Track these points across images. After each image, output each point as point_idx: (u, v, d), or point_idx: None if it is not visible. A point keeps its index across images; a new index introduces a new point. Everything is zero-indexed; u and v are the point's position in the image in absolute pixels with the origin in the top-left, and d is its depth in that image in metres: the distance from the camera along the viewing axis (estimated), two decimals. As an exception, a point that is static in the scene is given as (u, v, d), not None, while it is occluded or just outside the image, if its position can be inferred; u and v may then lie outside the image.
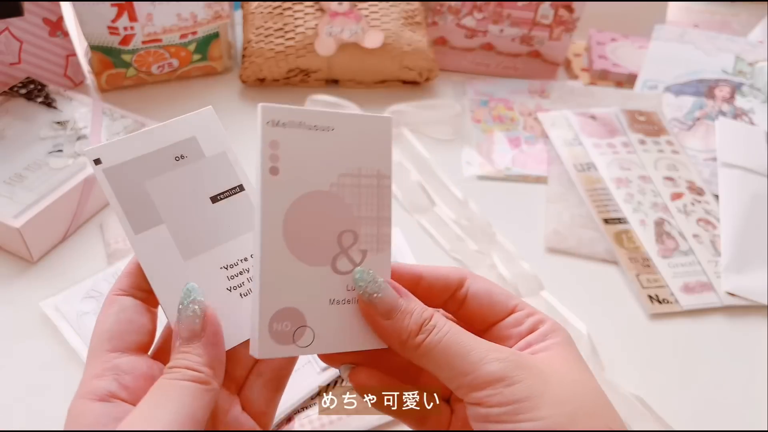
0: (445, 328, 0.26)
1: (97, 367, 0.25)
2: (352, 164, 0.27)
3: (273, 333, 0.25)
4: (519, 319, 0.28)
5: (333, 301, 0.27)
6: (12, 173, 0.54)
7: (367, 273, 0.27)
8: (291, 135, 0.26)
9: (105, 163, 0.27)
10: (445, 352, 0.25)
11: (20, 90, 0.63)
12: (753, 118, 0.75)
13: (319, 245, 0.26)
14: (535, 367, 0.25)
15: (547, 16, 0.78)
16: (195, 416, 0.23)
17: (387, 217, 0.28)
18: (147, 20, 0.66)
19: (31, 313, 0.49)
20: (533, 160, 0.70)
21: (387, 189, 0.28)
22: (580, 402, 0.24)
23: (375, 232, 0.27)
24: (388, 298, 0.27)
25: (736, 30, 0.94)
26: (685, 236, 0.61)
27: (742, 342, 0.54)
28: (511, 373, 0.24)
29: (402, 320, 0.26)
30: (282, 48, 0.72)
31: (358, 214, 0.27)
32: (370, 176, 0.27)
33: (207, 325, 0.26)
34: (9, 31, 0.64)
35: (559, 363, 0.26)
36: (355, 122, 0.27)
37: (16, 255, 0.54)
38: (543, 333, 0.27)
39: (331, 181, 0.27)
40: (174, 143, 0.28)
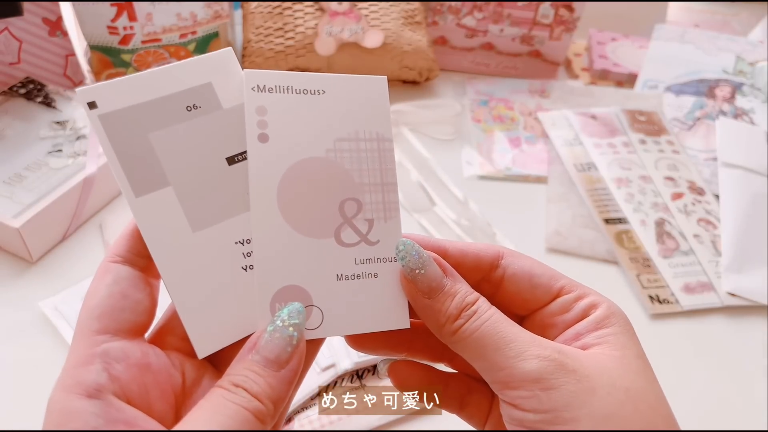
0: (486, 315, 0.23)
1: (84, 351, 0.21)
2: (348, 128, 0.25)
3: None
4: (566, 304, 0.25)
5: (341, 277, 0.24)
6: (11, 173, 0.54)
7: (411, 245, 0.24)
8: (279, 100, 0.24)
9: (102, 107, 0.23)
10: (480, 342, 0.23)
11: (20, 90, 0.63)
12: (753, 118, 0.75)
13: (320, 216, 0.24)
14: (581, 370, 0.22)
15: (547, 16, 0.77)
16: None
17: (393, 182, 0.25)
18: (146, 20, 0.66)
19: (30, 313, 0.49)
20: (533, 160, 0.69)
21: (389, 152, 0.25)
22: (628, 418, 0.21)
23: (381, 199, 0.25)
24: (432, 275, 0.24)
25: (736, 30, 0.94)
26: (685, 236, 0.61)
27: (743, 342, 0.54)
28: (551, 375, 0.21)
29: (443, 302, 0.24)
30: (282, 48, 0.71)
31: (360, 181, 0.25)
32: (369, 140, 0.25)
33: (294, 358, 0.22)
34: (8, 31, 0.63)
35: (613, 362, 0.22)
36: (348, 84, 0.25)
37: (16, 255, 0.54)
38: (596, 320, 0.24)
39: (326, 146, 0.24)
40: (186, 89, 0.24)
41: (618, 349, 0.23)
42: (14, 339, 0.48)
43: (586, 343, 0.23)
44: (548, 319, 0.25)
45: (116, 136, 0.23)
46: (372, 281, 0.25)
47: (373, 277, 0.25)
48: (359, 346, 0.26)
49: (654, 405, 0.22)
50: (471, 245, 0.26)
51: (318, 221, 0.24)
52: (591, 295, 0.25)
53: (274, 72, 0.24)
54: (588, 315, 0.24)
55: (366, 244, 0.25)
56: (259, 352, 0.22)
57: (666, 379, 0.23)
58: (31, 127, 0.59)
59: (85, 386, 0.21)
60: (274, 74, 0.24)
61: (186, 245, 0.23)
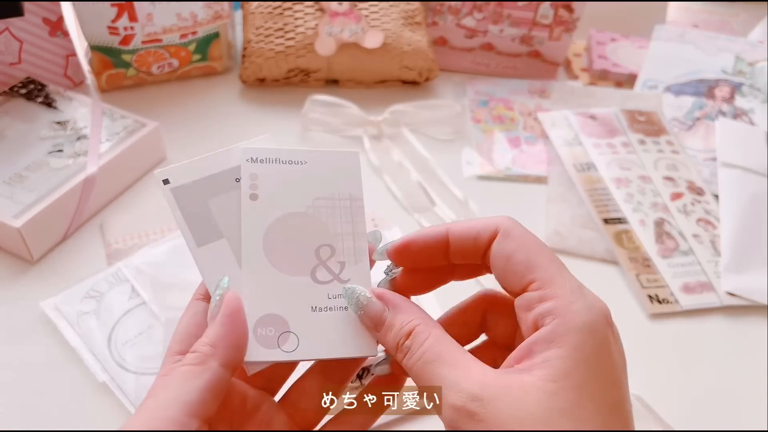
0: (418, 353, 0.25)
1: (167, 366, 0.26)
2: (325, 190, 0.30)
3: (258, 337, 0.27)
4: (530, 302, 0.24)
5: (315, 308, 0.28)
6: (12, 173, 0.54)
7: (351, 291, 0.28)
8: (268, 168, 0.30)
9: (173, 183, 0.29)
10: (417, 380, 0.25)
11: (20, 90, 0.63)
12: (753, 118, 0.75)
13: (298, 258, 0.29)
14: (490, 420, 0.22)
15: (547, 16, 0.78)
16: (183, 399, 0.23)
17: (362, 232, 0.30)
18: (147, 20, 0.67)
19: (31, 312, 0.49)
20: (533, 160, 0.70)
21: (360, 208, 0.30)
22: None
23: (351, 246, 0.30)
24: (372, 313, 0.27)
25: (736, 30, 0.94)
26: (685, 236, 0.61)
27: (742, 342, 0.54)
28: (461, 424, 0.22)
29: (385, 334, 0.26)
30: (282, 48, 0.72)
31: (334, 231, 0.30)
32: (343, 199, 0.30)
33: (222, 306, 0.26)
34: (9, 31, 0.64)
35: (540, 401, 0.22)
36: (326, 157, 0.31)
37: (16, 255, 0.54)
38: (547, 337, 0.23)
39: (306, 204, 0.30)
40: (235, 166, 0.30)
41: (557, 380, 0.22)
42: (15, 339, 0.48)
43: (533, 365, 0.23)
44: (520, 312, 0.25)
45: (183, 202, 0.29)
46: (343, 313, 0.29)
47: (343, 310, 0.29)
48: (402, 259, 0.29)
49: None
50: (469, 224, 0.27)
51: (297, 262, 0.29)
52: (555, 298, 0.24)
53: (264, 147, 0.30)
54: (542, 324, 0.23)
55: (338, 282, 0.29)
56: None
57: (666, 379, 0.24)
58: (31, 127, 0.59)
59: None
60: (265, 149, 0.30)
61: (237, 284, 0.28)
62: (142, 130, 0.61)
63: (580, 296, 0.24)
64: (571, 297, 0.23)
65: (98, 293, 0.50)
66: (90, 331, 0.47)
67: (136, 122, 0.61)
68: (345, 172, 0.31)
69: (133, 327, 0.48)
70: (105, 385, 0.45)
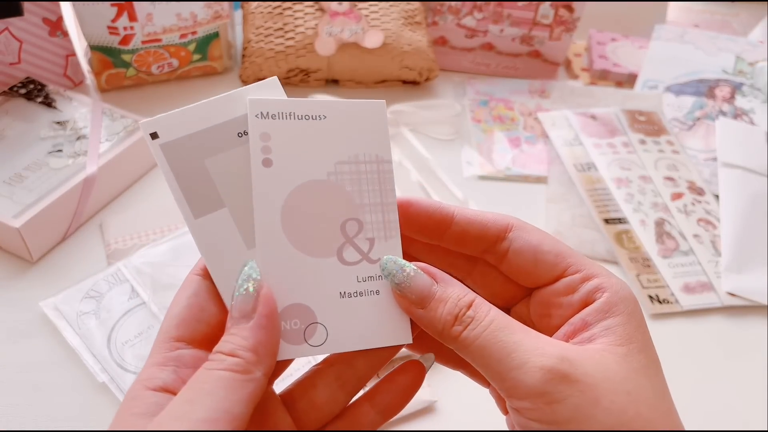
0: (485, 321, 0.23)
1: (161, 354, 0.23)
2: (348, 151, 0.26)
3: (282, 332, 0.24)
4: (572, 284, 0.24)
5: (344, 294, 0.25)
6: (12, 173, 0.54)
7: (393, 261, 0.25)
8: (282, 126, 0.25)
9: (162, 137, 0.24)
10: (482, 351, 0.23)
11: (20, 90, 0.63)
12: (753, 118, 0.75)
13: (322, 236, 0.25)
14: (584, 379, 0.21)
15: (547, 16, 0.78)
16: (230, 411, 0.21)
17: (392, 202, 0.26)
18: (147, 20, 0.66)
19: (30, 312, 0.49)
20: (533, 160, 0.70)
21: (389, 174, 0.26)
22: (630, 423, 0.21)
23: (381, 219, 0.26)
24: (420, 286, 0.24)
25: (736, 30, 0.94)
26: (685, 236, 0.61)
27: (742, 342, 0.54)
28: (554, 388, 0.21)
29: (436, 309, 0.24)
30: (282, 48, 0.72)
31: (361, 202, 0.26)
32: (369, 162, 0.26)
33: (260, 305, 0.23)
34: (9, 31, 0.64)
35: (617, 362, 0.22)
36: (348, 108, 0.26)
37: (16, 255, 0.54)
38: (603, 308, 0.23)
39: (328, 169, 0.26)
40: (237, 117, 0.25)
41: (623, 344, 0.23)
42: (14, 339, 0.48)
43: (594, 335, 0.23)
44: (554, 298, 0.25)
45: (176, 163, 0.24)
46: (374, 298, 0.25)
47: (375, 294, 0.25)
48: None
49: (655, 404, 0.22)
50: (480, 214, 0.26)
51: (320, 241, 0.25)
52: (598, 276, 0.24)
53: (277, 99, 0.25)
54: (594, 299, 0.24)
55: (367, 263, 0.26)
56: (231, 317, 0.23)
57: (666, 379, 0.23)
58: (31, 127, 0.59)
59: (155, 382, 0.23)
60: (277, 101, 0.25)
61: (241, 261, 0.24)
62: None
63: (612, 273, 0.25)
64: (608, 273, 0.25)
65: (98, 293, 0.50)
66: (90, 331, 0.47)
67: (135, 122, 0.61)
68: (370, 128, 0.26)
69: (133, 327, 0.48)
70: (105, 386, 0.45)
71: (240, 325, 0.23)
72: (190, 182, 0.24)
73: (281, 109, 0.25)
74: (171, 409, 0.21)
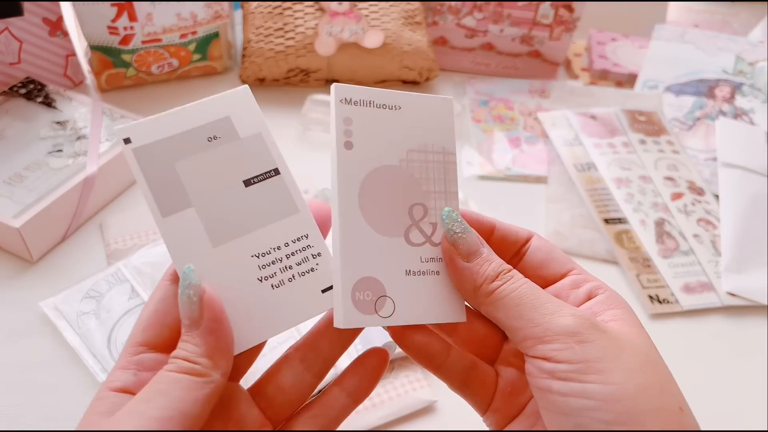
0: (522, 280, 0.26)
1: (126, 357, 0.25)
2: (419, 141, 0.28)
3: (356, 302, 0.26)
4: (576, 282, 0.28)
5: (409, 272, 0.27)
6: (12, 173, 0.54)
7: (454, 213, 0.27)
8: (362, 112, 0.27)
9: (135, 142, 0.26)
10: (518, 301, 0.25)
11: (20, 90, 0.63)
12: (753, 118, 0.75)
13: (392, 217, 0.27)
14: (610, 332, 0.24)
15: (547, 16, 0.77)
16: (184, 411, 0.22)
17: (454, 191, 0.29)
18: (147, 20, 0.66)
19: (30, 313, 0.49)
20: (533, 160, 0.69)
21: (453, 165, 0.29)
22: (652, 377, 0.23)
23: (444, 206, 0.28)
24: (472, 240, 0.27)
25: (736, 30, 0.94)
26: (685, 236, 0.61)
27: (742, 342, 0.54)
28: (586, 330, 0.23)
29: (481, 265, 0.26)
30: (282, 48, 0.72)
31: (427, 189, 0.28)
32: (436, 152, 0.28)
33: (204, 310, 0.24)
34: (9, 31, 0.64)
35: (632, 333, 0.25)
36: (421, 101, 0.29)
37: (16, 255, 0.54)
38: (604, 302, 0.26)
39: (400, 156, 0.28)
40: (207, 123, 0.27)
41: (631, 326, 0.25)
42: (14, 339, 0.48)
43: (603, 320, 0.25)
44: (561, 291, 0.28)
45: (147, 166, 0.26)
46: (434, 278, 0.28)
47: (435, 275, 0.28)
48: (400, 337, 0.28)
49: (668, 372, 0.25)
50: (509, 224, 0.30)
51: (391, 222, 0.27)
52: (596, 280, 0.28)
53: (359, 87, 0.27)
54: (595, 296, 0.27)
55: (430, 245, 0.28)
56: (183, 324, 0.24)
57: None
58: (31, 127, 0.59)
59: (117, 384, 0.24)
60: (359, 89, 0.27)
61: (206, 259, 0.26)
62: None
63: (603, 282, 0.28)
64: (602, 282, 0.28)
65: (98, 293, 0.50)
66: (90, 331, 0.47)
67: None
68: (438, 121, 0.29)
69: (133, 327, 0.48)
70: (105, 386, 0.45)
71: (191, 333, 0.24)
72: (159, 183, 0.26)
73: (362, 96, 0.27)
74: (127, 408, 0.23)
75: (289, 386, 0.28)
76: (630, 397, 0.22)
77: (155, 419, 0.22)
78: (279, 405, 0.28)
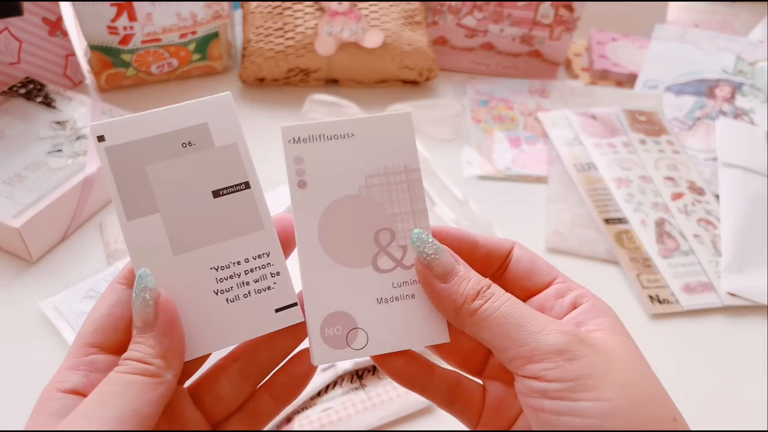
0: (504, 296, 0.25)
1: (75, 358, 0.25)
2: (377, 164, 0.28)
3: (326, 338, 0.26)
4: (561, 291, 0.27)
5: (381, 300, 0.27)
6: (11, 173, 0.54)
7: (424, 234, 0.27)
8: (313, 148, 0.27)
9: (108, 141, 0.26)
10: (502, 321, 0.24)
11: (20, 90, 0.63)
12: (753, 118, 0.75)
13: (357, 247, 0.27)
14: (598, 345, 0.24)
15: (547, 16, 0.77)
16: (139, 412, 0.22)
17: (423, 209, 0.28)
18: (146, 20, 0.66)
19: (30, 313, 0.49)
20: (533, 159, 0.69)
21: (418, 182, 0.28)
22: (643, 389, 0.23)
23: (412, 226, 0.28)
24: (446, 260, 0.26)
25: (736, 30, 0.94)
26: (685, 236, 0.61)
27: (743, 342, 0.54)
28: (574, 347, 0.23)
29: (459, 284, 0.26)
30: (282, 48, 0.71)
31: (392, 211, 0.28)
32: (398, 172, 0.28)
33: (160, 313, 0.25)
34: (8, 31, 0.63)
35: (618, 344, 0.24)
36: (375, 124, 0.28)
37: (16, 255, 0.54)
38: (589, 311, 0.26)
39: (359, 184, 0.27)
40: (184, 128, 0.26)
41: (617, 335, 0.25)
42: (14, 339, 0.48)
43: (589, 330, 0.25)
44: (545, 302, 0.27)
45: (117, 166, 0.26)
46: (410, 302, 0.27)
47: (410, 298, 0.27)
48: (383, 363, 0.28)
49: (657, 381, 0.24)
50: (492, 237, 0.29)
51: (356, 252, 0.27)
52: (580, 288, 0.27)
53: (307, 125, 0.27)
54: (580, 304, 0.26)
55: (402, 269, 0.28)
56: (134, 327, 0.25)
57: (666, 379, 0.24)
58: (31, 127, 0.59)
59: (65, 385, 0.24)
60: (307, 126, 0.27)
61: (166, 266, 0.26)
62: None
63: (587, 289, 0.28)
64: (586, 289, 0.27)
65: (98, 293, 0.50)
66: (89, 331, 0.47)
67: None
68: (397, 140, 0.28)
69: (133, 327, 0.48)
70: (104, 386, 0.45)
71: (145, 334, 0.24)
72: (128, 185, 0.26)
73: (311, 132, 0.27)
74: (81, 410, 0.22)
75: (227, 395, 0.28)
76: (624, 412, 0.22)
77: (111, 420, 0.22)
78: (216, 411, 0.28)
